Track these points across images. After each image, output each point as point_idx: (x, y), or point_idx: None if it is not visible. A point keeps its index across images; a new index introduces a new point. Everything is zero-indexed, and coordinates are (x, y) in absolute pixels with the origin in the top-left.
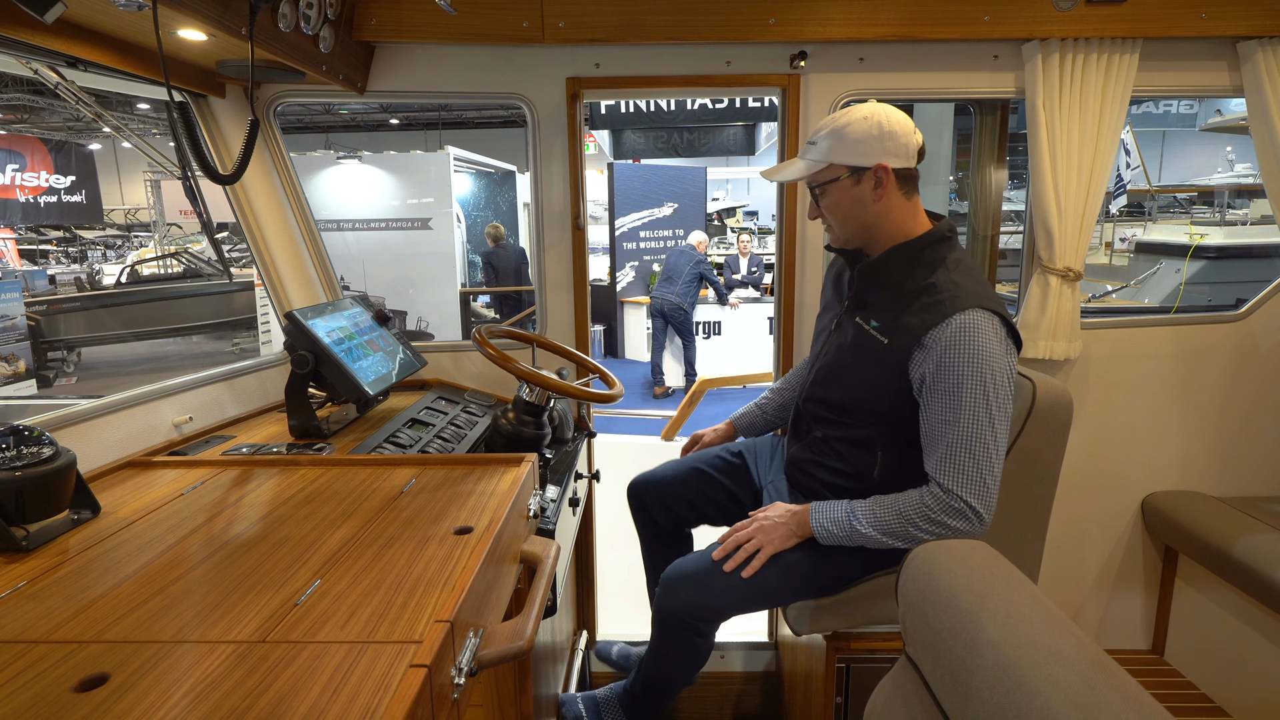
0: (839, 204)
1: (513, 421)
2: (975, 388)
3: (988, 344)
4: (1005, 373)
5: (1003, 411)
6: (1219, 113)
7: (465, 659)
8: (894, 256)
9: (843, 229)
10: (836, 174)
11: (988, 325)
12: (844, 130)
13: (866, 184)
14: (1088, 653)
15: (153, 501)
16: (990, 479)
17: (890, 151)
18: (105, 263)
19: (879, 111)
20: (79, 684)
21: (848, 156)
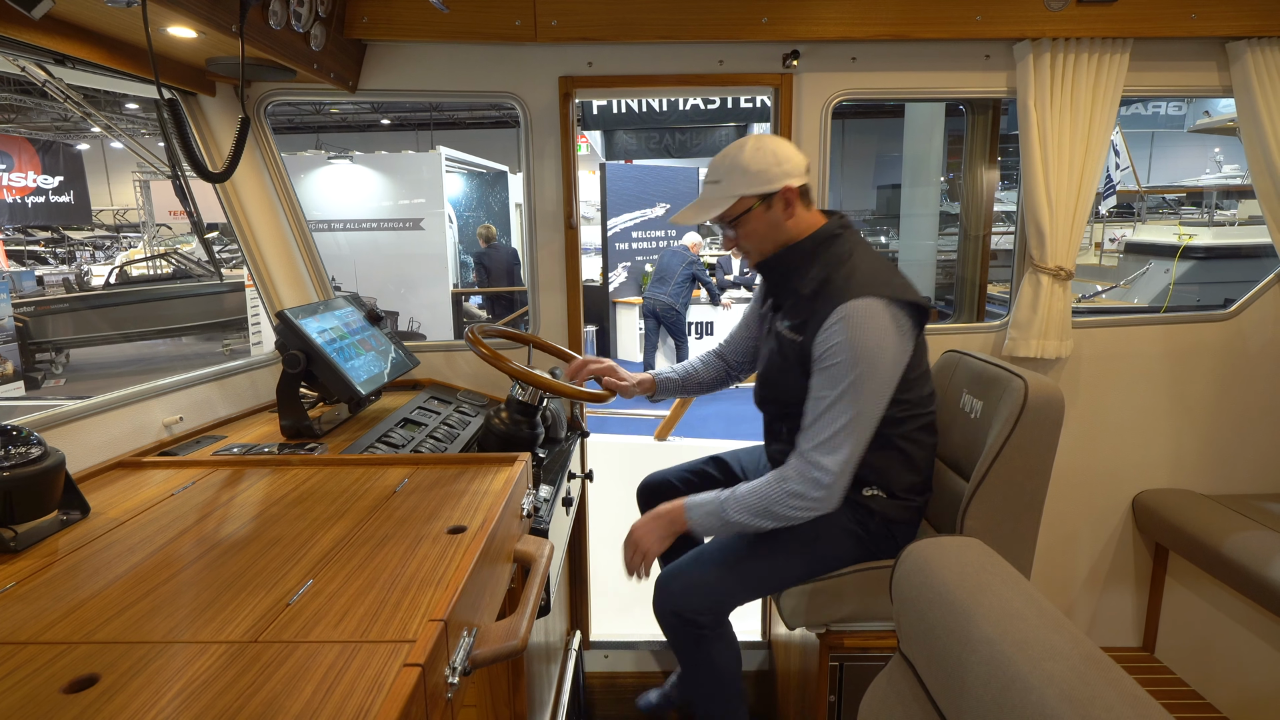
0: (756, 230)
1: (506, 421)
2: (848, 368)
3: (866, 328)
4: (882, 354)
5: (874, 394)
6: (1207, 114)
7: (459, 658)
8: (788, 256)
9: (761, 250)
10: (749, 204)
11: (868, 310)
12: (744, 164)
13: (777, 206)
14: (1082, 648)
15: (143, 502)
16: (848, 451)
17: (789, 173)
18: (94, 264)
19: (766, 141)
20: (69, 685)
21: (755, 186)
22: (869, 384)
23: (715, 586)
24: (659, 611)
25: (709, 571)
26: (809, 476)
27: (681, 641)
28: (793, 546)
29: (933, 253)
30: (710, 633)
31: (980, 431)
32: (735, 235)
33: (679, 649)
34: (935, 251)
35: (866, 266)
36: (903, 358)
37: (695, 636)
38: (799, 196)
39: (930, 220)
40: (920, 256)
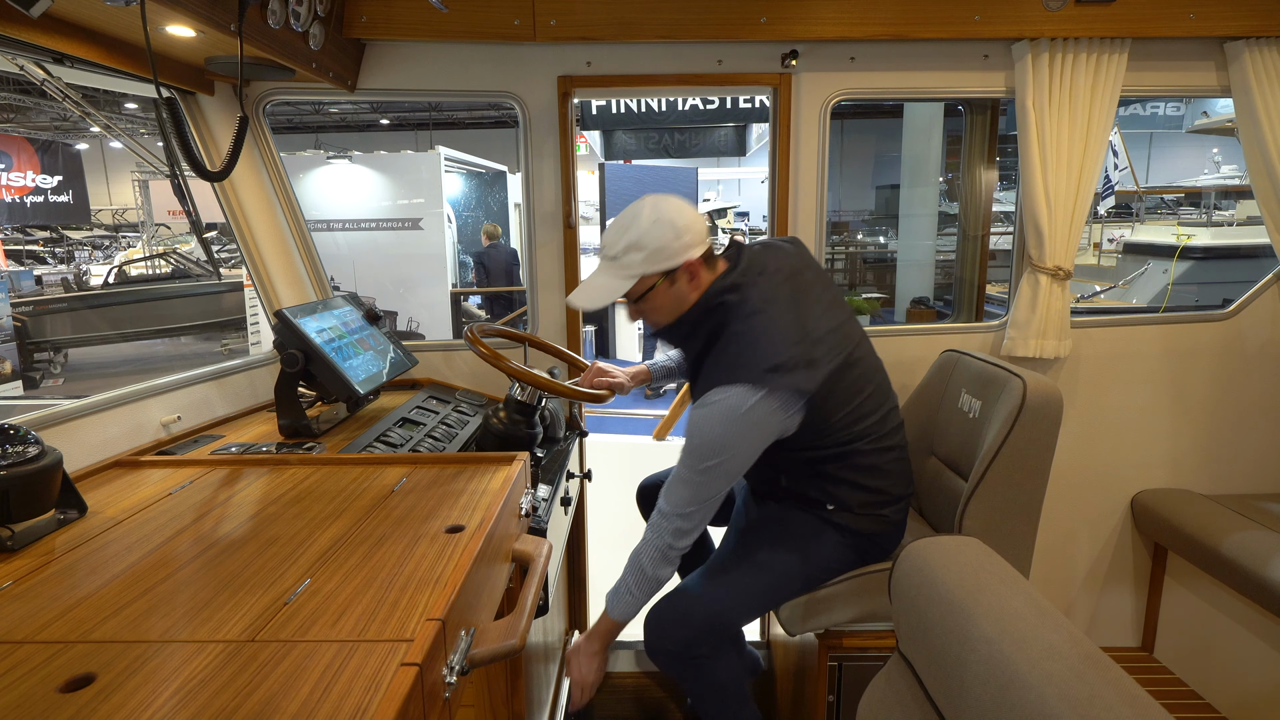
0: (661, 305)
1: (504, 421)
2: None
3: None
4: (738, 444)
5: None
6: (1206, 114)
7: (457, 658)
8: (678, 327)
9: (668, 320)
10: (652, 282)
11: (728, 403)
12: (642, 242)
13: (681, 280)
14: (1081, 648)
15: (140, 501)
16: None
17: (690, 245)
18: (93, 263)
19: (662, 211)
20: (65, 684)
21: (657, 265)
22: (722, 468)
23: (707, 618)
24: (650, 650)
25: (699, 604)
26: (668, 540)
27: (680, 674)
28: (785, 564)
29: (931, 253)
30: (706, 660)
31: (978, 431)
32: (639, 309)
33: (679, 680)
34: (934, 252)
35: (742, 343)
36: (771, 435)
37: (693, 666)
38: (702, 264)
39: (929, 220)
40: (919, 257)
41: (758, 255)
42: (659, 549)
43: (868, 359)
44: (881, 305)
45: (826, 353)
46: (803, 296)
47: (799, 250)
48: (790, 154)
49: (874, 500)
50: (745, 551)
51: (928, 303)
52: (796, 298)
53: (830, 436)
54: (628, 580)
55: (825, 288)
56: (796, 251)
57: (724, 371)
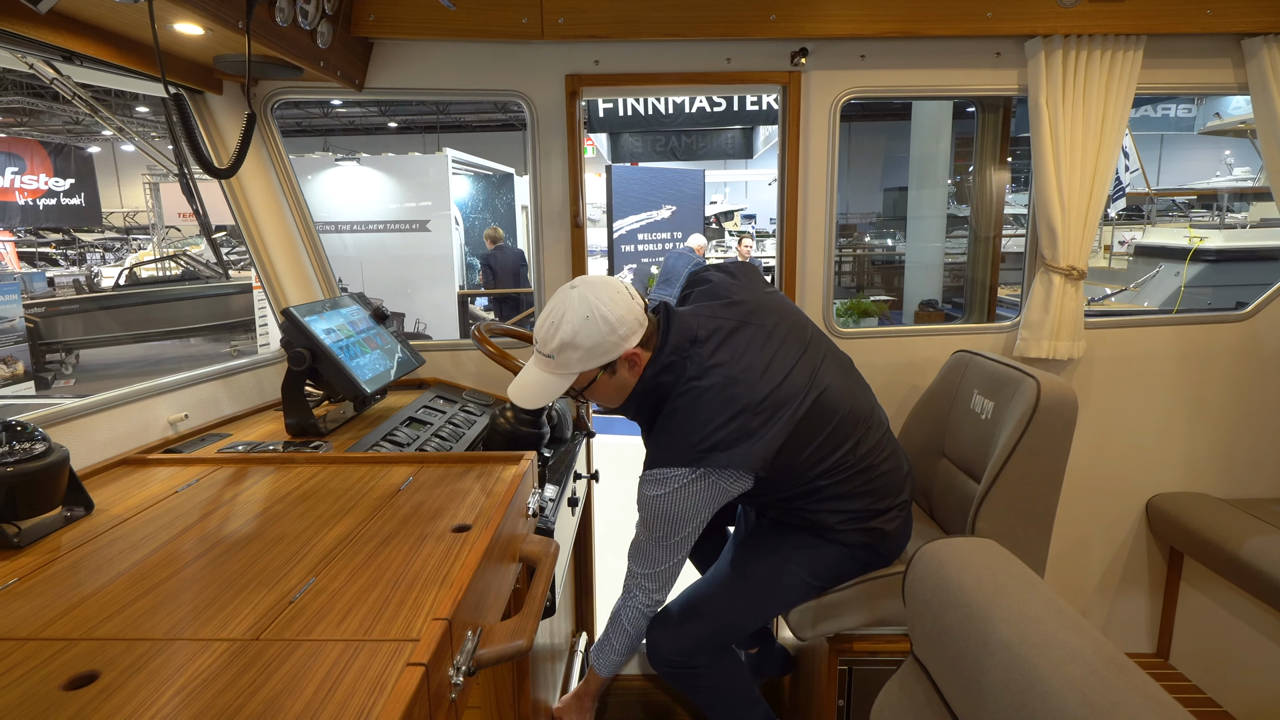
0: (605, 393)
1: (511, 420)
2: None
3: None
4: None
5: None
6: (1218, 116)
7: (463, 658)
8: (627, 408)
9: (615, 404)
10: (592, 376)
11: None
12: (577, 342)
13: (622, 369)
14: (1104, 652)
15: (147, 499)
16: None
17: (626, 336)
18: (104, 265)
19: (593, 305)
20: (68, 682)
21: (595, 361)
22: (674, 538)
23: (706, 631)
24: (652, 661)
25: (700, 620)
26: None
27: (682, 684)
28: (784, 576)
29: (940, 255)
30: (707, 670)
31: (991, 432)
32: (583, 397)
33: (682, 690)
34: (942, 254)
35: (679, 423)
36: (717, 503)
37: (694, 677)
38: (640, 349)
39: (937, 223)
40: (927, 259)
41: (688, 320)
42: (636, 608)
43: (833, 388)
44: (890, 308)
45: (772, 416)
46: (743, 355)
47: (741, 284)
48: (800, 153)
49: (855, 517)
50: (744, 564)
51: (936, 305)
52: (736, 359)
53: (793, 480)
54: (611, 639)
55: (776, 324)
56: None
57: (662, 452)
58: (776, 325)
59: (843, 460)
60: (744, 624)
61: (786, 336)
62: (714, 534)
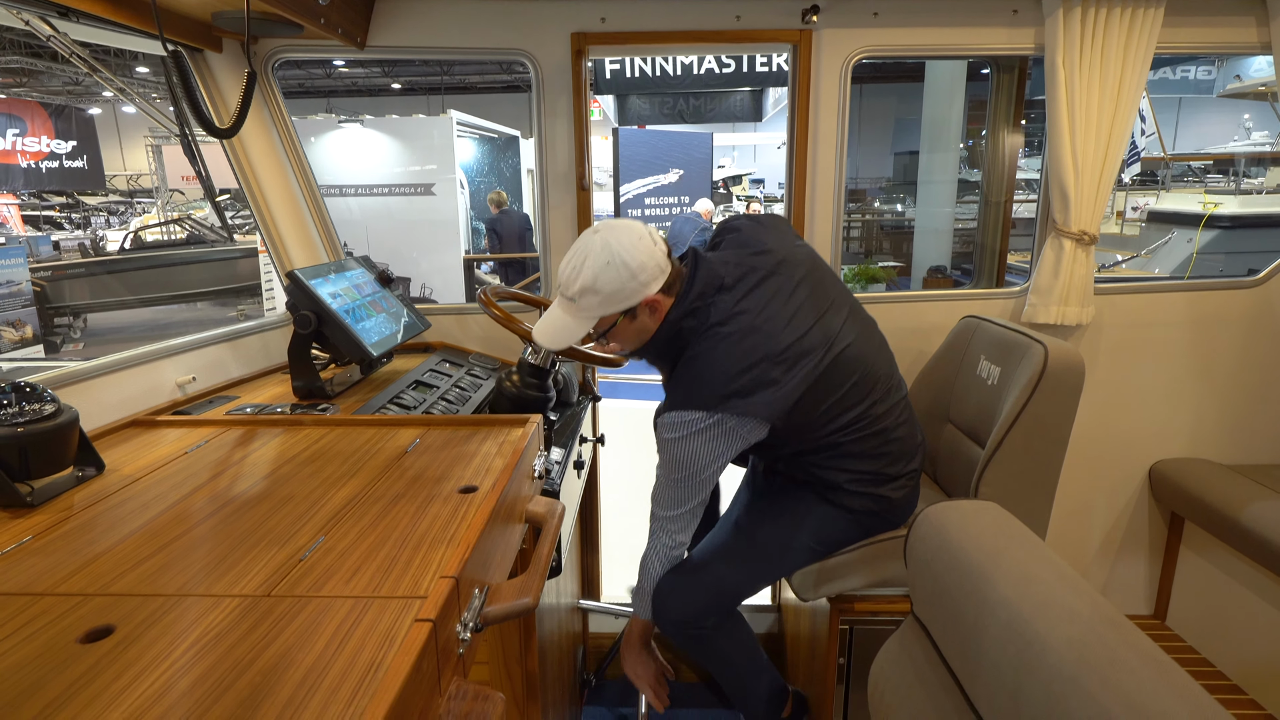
0: (625, 337)
1: (517, 384)
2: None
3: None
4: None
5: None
6: (1238, 78)
7: (470, 615)
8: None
9: (634, 347)
10: (612, 320)
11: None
12: (598, 285)
13: (642, 314)
14: (1101, 611)
15: (157, 460)
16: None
17: (647, 283)
18: (109, 229)
19: (614, 250)
20: (85, 635)
21: (615, 307)
22: (693, 481)
23: (715, 593)
24: (659, 623)
25: (706, 581)
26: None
27: (689, 646)
28: (788, 541)
29: (950, 221)
30: (714, 634)
31: (997, 398)
32: (603, 342)
33: (689, 651)
34: (952, 220)
35: (699, 366)
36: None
37: (700, 639)
38: (662, 295)
39: (948, 188)
40: (937, 225)
41: (716, 266)
42: (661, 551)
43: (854, 345)
44: (898, 274)
45: (793, 367)
46: (768, 304)
47: (771, 234)
48: (810, 115)
49: (865, 480)
50: (749, 526)
51: (945, 271)
52: (760, 308)
53: (808, 434)
54: (643, 584)
55: (804, 277)
56: (767, 237)
57: (682, 395)
58: (803, 278)
59: (859, 419)
60: (748, 587)
61: (813, 290)
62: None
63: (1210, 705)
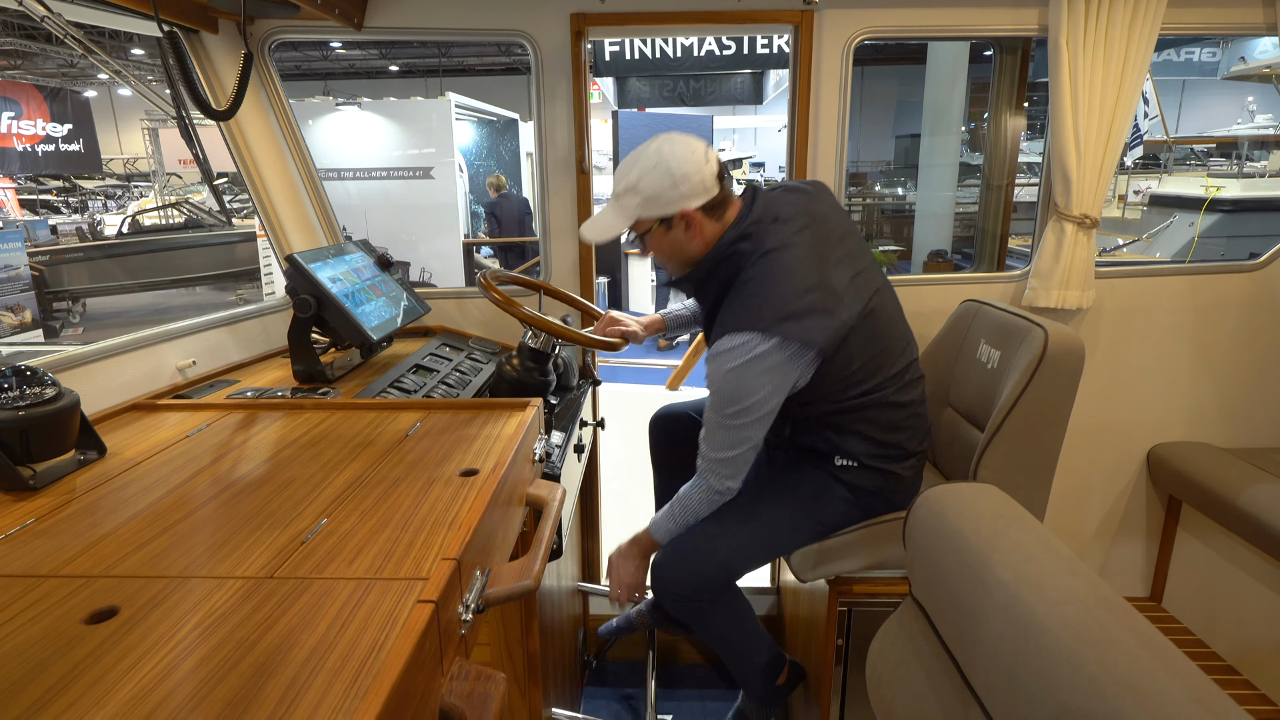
0: (660, 248)
1: (518, 368)
2: (721, 402)
3: (732, 367)
4: (750, 390)
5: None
6: (1243, 60)
7: (472, 596)
8: (690, 278)
9: (671, 265)
10: (648, 225)
11: (739, 349)
12: (640, 187)
13: (678, 229)
14: (1099, 592)
15: (158, 443)
16: (731, 461)
17: (688, 195)
18: (106, 213)
19: (665, 157)
20: (89, 616)
21: (651, 211)
22: (746, 413)
23: (712, 564)
24: (657, 594)
25: (703, 551)
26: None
27: (687, 618)
28: (790, 520)
29: (951, 205)
30: (711, 607)
31: (996, 381)
32: (644, 251)
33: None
34: (953, 204)
35: (752, 290)
36: (786, 385)
37: (698, 612)
38: (702, 214)
39: (950, 171)
40: (938, 209)
41: (773, 201)
42: (704, 492)
43: (888, 308)
44: (898, 258)
45: (842, 304)
46: (821, 244)
47: (819, 193)
48: (810, 97)
49: (884, 454)
50: (752, 504)
51: (946, 256)
52: (813, 246)
53: (843, 390)
54: (674, 510)
55: (845, 234)
56: (816, 194)
57: (736, 319)
58: (847, 233)
59: (883, 385)
60: (747, 563)
61: (853, 249)
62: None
63: (1206, 684)
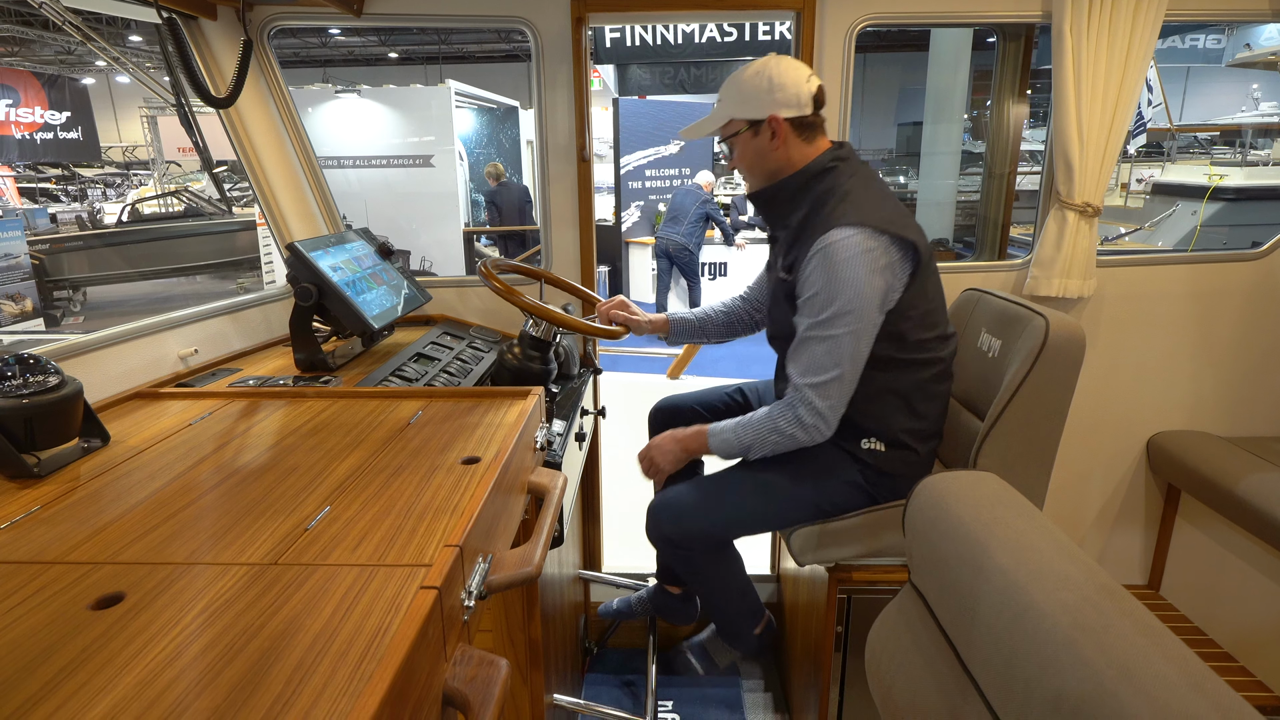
0: (744, 155)
1: (519, 356)
2: (826, 301)
3: (842, 260)
4: (860, 285)
5: (857, 326)
6: (1248, 47)
7: (475, 583)
8: (780, 190)
9: (752, 177)
10: (737, 128)
11: (847, 241)
12: (739, 86)
13: (764, 135)
14: (1096, 579)
15: (161, 431)
16: (834, 381)
17: (781, 103)
18: (106, 201)
19: (770, 65)
20: (96, 602)
21: (743, 111)
22: (849, 317)
23: (707, 521)
24: (650, 536)
25: (701, 505)
26: (799, 412)
27: (676, 564)
28: (795, 491)
29: (953, 193)
30: (701, 559)
31: (997, 370)
32: (731, 156)
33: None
34: (955, 192)
35: (856, 199)
36: (889, 292)
37: (688, 561)
38: (790, 129)
39: (952, 159)
40: (940, 197)
41: None
42: (787, 419)
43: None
44: None
45: (921, 233)
46: None
47: None
48: None
49: (915, 430)
50: (761, 468)
51: (947, 244)
52: None
53: (907, 337)
54: (742, 428)
55: None
56: None
57: (844, 216)
58: None
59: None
60: (742, 525)
61: None
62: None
63: (1202, 670)
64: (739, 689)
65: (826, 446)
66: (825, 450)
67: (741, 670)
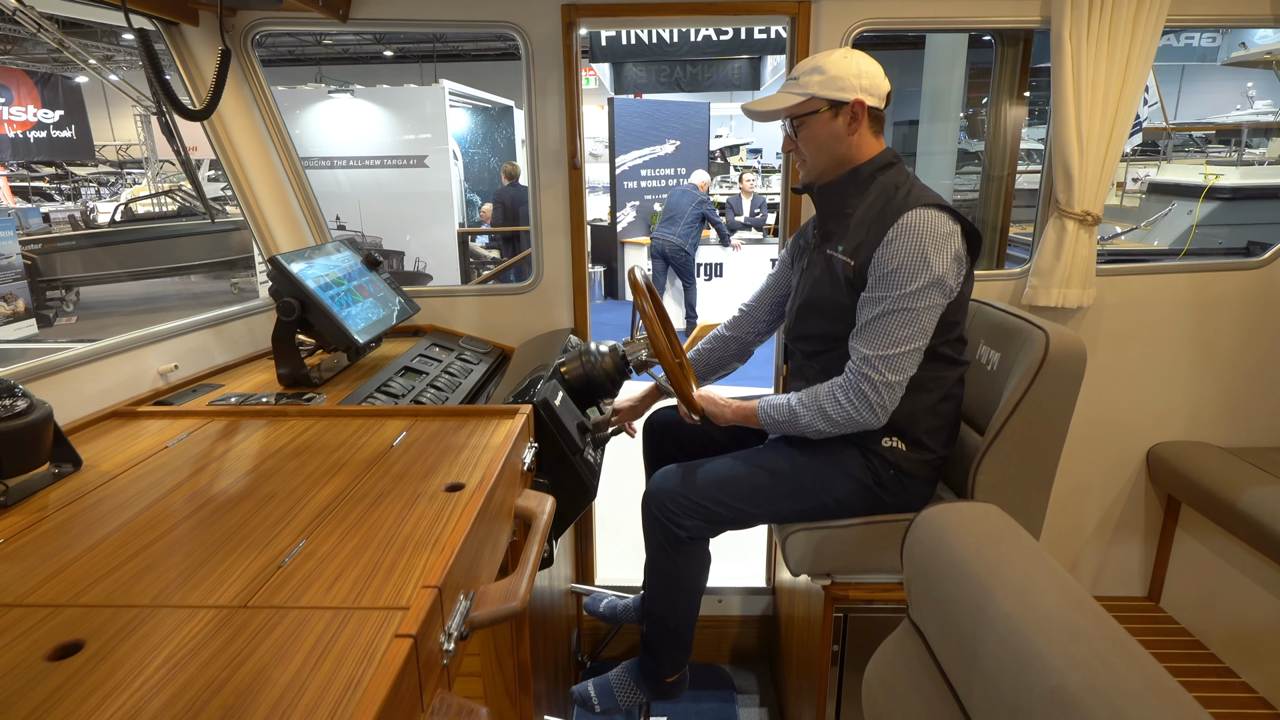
0: (815, 135)
1: (609, 370)
2: (908, 275)
3: (927, 235)
4: (941, 262)
5: (931, 303)
6: (1243, 46)
7: (455, 623)
8: (850, 180)
9: (815, 161)
10: (817, 106)
11: (931, 219)
12: (826, 66)
13: (843, 118)
14: (1109, 632)
15: (137, 454)
16: (900, 359)
17: (867, 90)
18: (99, 200)
19: (856, 54)
20: (53, 651)
21: (830, 90)
22: (933, 290)
23: (705, 500)
24: (645, 504)
25: (703, 485)
26: (863, 387)
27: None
28: (798, 485)
29: (949, 194)
30: (684, 543)
31: (996, 384)
32: (796, 137)
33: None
34: (951, 193)
35: (925, 190)
36: (956, 279)
37: (672, 539)
38: (868, 117)
39: (948, 159)
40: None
41: None
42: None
43: None
44: None
45: None
46: None
47: None
48: None
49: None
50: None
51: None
52: None
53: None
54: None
55: None
56: None
57: (920, 199)
58: None
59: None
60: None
61: None
62: None
63: None
64: (734, 704)
65: (841, 440)
66: (839, 444)
67: (737, 685)
